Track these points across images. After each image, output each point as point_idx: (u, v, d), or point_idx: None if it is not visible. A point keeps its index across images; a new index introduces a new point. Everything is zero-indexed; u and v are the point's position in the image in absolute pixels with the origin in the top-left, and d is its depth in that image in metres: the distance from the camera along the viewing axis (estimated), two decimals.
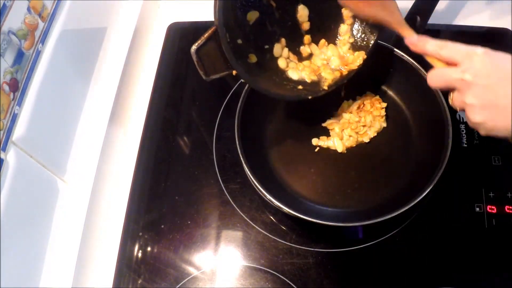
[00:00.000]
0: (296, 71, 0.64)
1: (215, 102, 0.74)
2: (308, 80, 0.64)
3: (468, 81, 0.45)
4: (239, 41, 0.57)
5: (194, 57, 0.52)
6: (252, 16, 0.59)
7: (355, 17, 0.64)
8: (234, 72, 0.56)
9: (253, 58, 0.60)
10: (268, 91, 0.60)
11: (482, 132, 0.47)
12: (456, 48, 0.48)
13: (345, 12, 0.64)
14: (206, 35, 0.52)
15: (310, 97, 0.62)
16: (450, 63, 0.48)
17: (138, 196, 0.67)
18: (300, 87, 0.63)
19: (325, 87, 0.63)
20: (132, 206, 0.66)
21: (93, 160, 0.66)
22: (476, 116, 0.46)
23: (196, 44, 0.52)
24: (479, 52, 0.46)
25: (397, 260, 0.62)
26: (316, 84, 0.63)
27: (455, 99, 0.48)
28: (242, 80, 0.59)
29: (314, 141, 0.69)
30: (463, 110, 0.48)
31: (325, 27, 0.66)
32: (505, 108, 0.43)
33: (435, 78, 0.50)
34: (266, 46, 0.62)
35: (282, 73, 0.63)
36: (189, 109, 0.76)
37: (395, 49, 0.67)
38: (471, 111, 0.46)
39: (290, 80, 0.63)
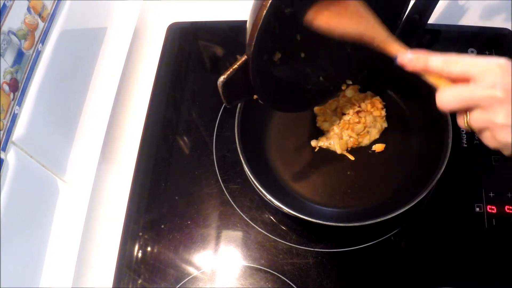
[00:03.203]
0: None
1: (215, 102, 0.74)
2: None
3: (499, 98, 0.39)
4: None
5: (220, 89, 0.51)
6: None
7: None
8: (254, 97, 0.55)
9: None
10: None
11: (507, 153, 0.41)
12: (470, 61, 0.41)
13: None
14: (235, 66, 0.49)
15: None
16: (458, 80, 0.41)
17: (138, 196, 0.67)
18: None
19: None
20: (132, 206, 0.66)
21: (93, 160, 0.66)
22: (509, 137, 0.39)
23: (225, 76, 0.49)
24: (503, 62, 0.39)
25: (397, 260, 0.62)
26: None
27: (475, 120, 0.41)
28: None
29: (313, 143, 0.69)
30: (483, 131, 0.42)
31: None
32: None
33: (450, 99, 0.42)
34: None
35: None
36: (189, 109, 0.76)
37: None
38: (503, 131, 0.40)
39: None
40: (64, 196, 0.63)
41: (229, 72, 0.49)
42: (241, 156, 0.60)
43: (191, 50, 0.81)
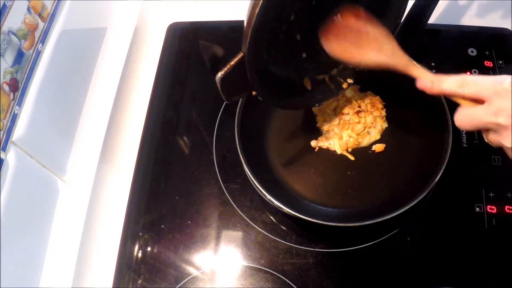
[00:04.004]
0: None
1: (215, 102, 0.74)
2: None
3: (502, 125, 0.40)
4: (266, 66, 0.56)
5: (218, 85, 0.51)
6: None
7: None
8: (253, 93, 0.56)
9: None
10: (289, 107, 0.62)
11: None
12: (479, 83, 0.42)
13: None
14: (232, 62, 0.50)
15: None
16: (476, 100, 0.42)
17: (138, 196, 0.67)
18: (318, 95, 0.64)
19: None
20: (132, 206, 0.66)
21: (93, 160, 0.66)
22: None
23: (223, 72, 0.50)
24: (507, 85, 0.40)
25: (397, 260, 0.62)
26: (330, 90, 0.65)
27: (492, 139, 0.43)
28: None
29: (313, 143, 0.68)
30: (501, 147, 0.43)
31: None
32: None
33: (464, 120, 0.43)
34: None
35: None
36: (189, 109, 0.76)
37: None
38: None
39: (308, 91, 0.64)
40: (64, 196, 0.63)
41: (226, 68, 0.50)
42: (241, 156, 0.60)
43: (191, 50, 0.81)
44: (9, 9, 0.54)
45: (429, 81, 0.46)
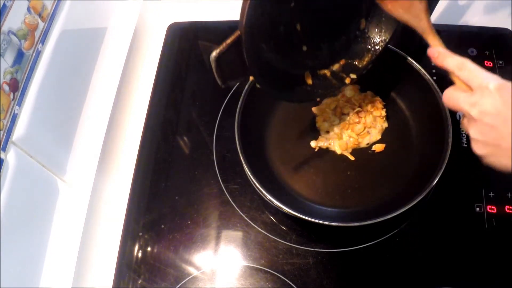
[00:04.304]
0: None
1: (215, 102, 0.74)
2: None
3: (473, 117, 0.44)
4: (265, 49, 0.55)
5: (213, 65, 0.50)
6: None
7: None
8: (251, 78, 0.54)
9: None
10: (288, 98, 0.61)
11: (484, 162, 0.46)
12: (474, 73, 0.45)
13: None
14: (228, 41, 0.48)
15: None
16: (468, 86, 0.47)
17: (138, 196, 0.67)
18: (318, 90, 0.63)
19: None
20: (132, 206, 0.66)
21: (93, 160, 0.66)
22: (478, 150, 0.46)
23: (218, 51, 0.48)
24: (491, 86, 0.43)
25: (397, 260, 0.62)
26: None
27: (464, 124, 0.47)
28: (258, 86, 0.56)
29: (313, 144, 0.68)
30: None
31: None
32: (507, 149, 0.42)
33: (447, 97, 0.48)
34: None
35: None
36: (189, 109, 0.76)
37: (398, 50, 0.67)
38: (474, 143, 0.46)
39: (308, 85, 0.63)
40: (64, 196, 0.63)
41: (221, 47, 0.49)
42: (241, 156, 0.60)
43: (191, 50, 0.81)
44: (9, 9, 0.54)
45: (437, 52, 0.49)
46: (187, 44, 0.82)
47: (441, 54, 0.49)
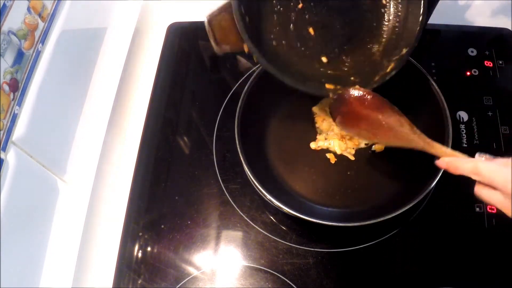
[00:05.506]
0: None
1: (215, 102, 0.74)
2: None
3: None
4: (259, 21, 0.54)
5: (206, 27, 0.50)
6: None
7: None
8: (246, 50, 0.53)
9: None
10: (284, 75, 0.58)
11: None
12: (490, 176, 0.44)
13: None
14: (220, 6, 0.50)
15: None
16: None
17: (138, 196, 0.67)
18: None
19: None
20: (132, 206, 0.66)
21: (93, 160, 0.66)
22: None
23: (210, 13, 0.50)
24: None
25: (397, 260, 0.62)
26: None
27: (485, 196, 0.46)
28: (255, 60, 0.55)
29: (312, 145, 0.68)
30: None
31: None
32: None
33: (481, 197, 0.47)
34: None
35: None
36: (189, 109, 0.76)
37: None
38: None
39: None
40: (64, 196, 0.63)
41: (214, 11, 0.51)
42: (241, 156, 0.60)
43: (191, 50, 0.81)
44: (9, 9, 0.54)
45: (444, 163, 0.49)
46: (187, 44, 0.82)
47: (449, 164, 0.48)
